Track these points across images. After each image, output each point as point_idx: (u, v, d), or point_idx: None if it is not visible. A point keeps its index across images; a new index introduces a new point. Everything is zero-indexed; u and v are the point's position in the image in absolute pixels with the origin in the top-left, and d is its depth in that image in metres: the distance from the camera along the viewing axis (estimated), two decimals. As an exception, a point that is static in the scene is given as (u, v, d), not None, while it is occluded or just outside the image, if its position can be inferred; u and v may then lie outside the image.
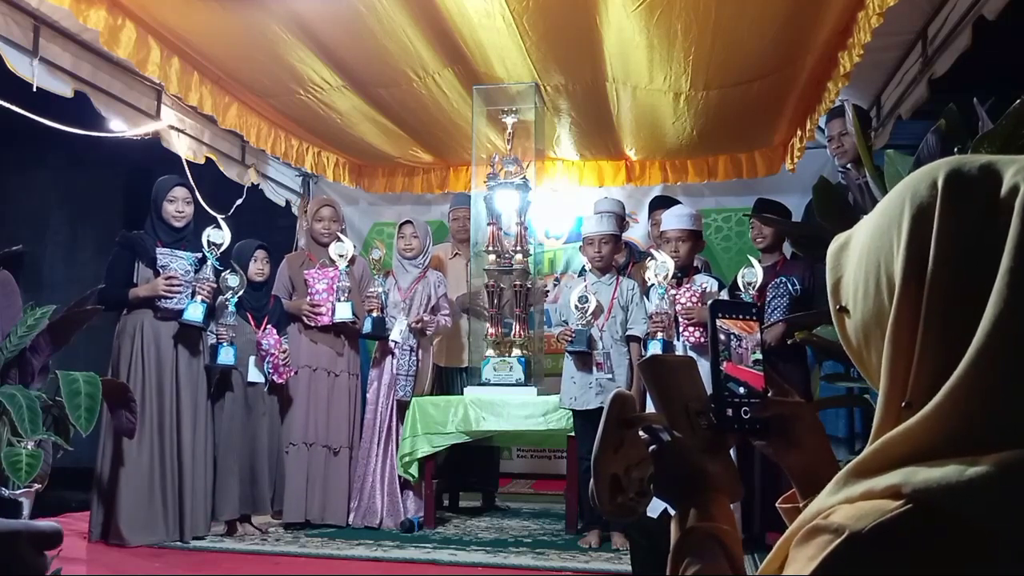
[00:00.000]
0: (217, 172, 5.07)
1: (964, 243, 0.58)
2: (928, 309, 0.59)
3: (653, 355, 0.89)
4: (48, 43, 3.65)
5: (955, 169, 0.61)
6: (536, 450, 5.90)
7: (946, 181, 0.60)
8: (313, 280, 4.24)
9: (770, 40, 3.61)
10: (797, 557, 0.59)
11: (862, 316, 0.66)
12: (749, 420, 0.81)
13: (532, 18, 3.52)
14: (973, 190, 0.59)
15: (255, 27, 3.64)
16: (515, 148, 4.30)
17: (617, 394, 0.88)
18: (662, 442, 0.81)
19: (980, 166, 0.60)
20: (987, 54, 3.13)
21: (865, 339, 0.67)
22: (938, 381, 0.57)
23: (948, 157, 0.63)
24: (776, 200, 4.16)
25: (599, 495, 0.85)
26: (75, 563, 3.29)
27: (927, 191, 0.61)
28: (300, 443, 4.14)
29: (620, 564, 3.37)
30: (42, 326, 2.89)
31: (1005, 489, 0.52)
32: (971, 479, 0.52)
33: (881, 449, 0.59)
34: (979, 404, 0.55)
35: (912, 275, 0.60)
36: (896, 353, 0.61)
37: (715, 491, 0.78)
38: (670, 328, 3.59)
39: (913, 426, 0.57)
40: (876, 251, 0.65)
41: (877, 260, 0.64)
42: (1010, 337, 0.54)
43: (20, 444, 2.73)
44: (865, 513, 0.56)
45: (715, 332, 0.84)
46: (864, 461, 0.60)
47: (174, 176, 3.98)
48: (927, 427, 0.56)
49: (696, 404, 0.83)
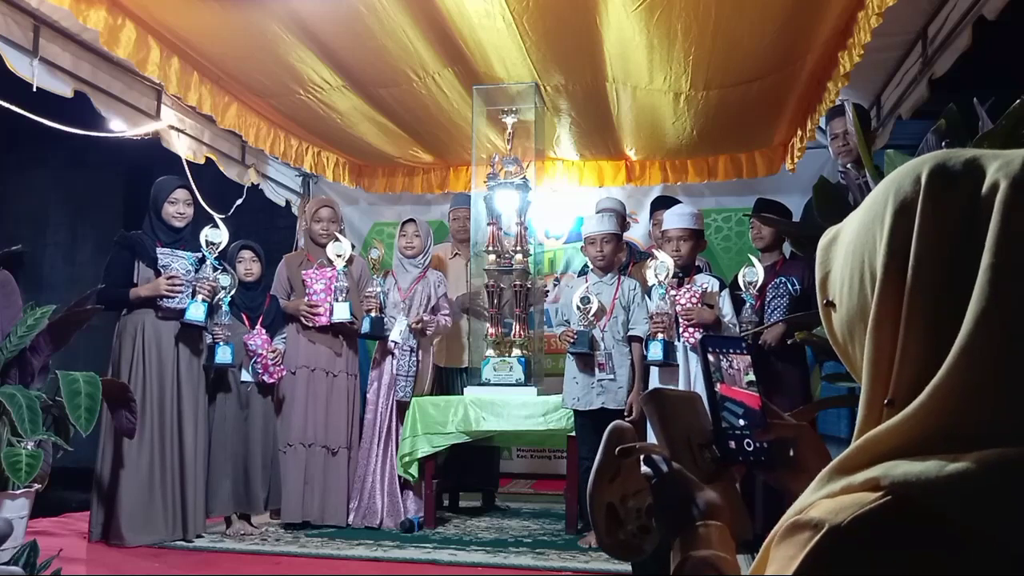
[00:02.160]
0: (217, 172, 5.07)
1: (946, 239, 0.58)
2: (910, 306, 0.58)
3: (655, 389, 0.88)
4: (48, 43, 3.65)
5: (939, 164, 0.60)
6: (536, 450, 5.90)
7: (929, 176, 0.60)
8: (311, 280, 4.24)
9: (770, 40, 3.61)
10: (776, 556, 0.58)
11: (847, 311, 0.66)
12: (753, 452, 0.81)
13: (532, 18, 3.52)
14: (956, 185, 0.59)
15: (255, 27, 3.64)
16: (515, 148, 4.30)
17: (615, 425, 0.88)
18: (662, 472, 0.80)
19: (965, 161, 0.60)
20: (987, 54, 3.13)
21: (850, 334, 0.66)
22: (920, 378, 0.57)
23: (936, 151, 0.63)
24: (776, 200, 4.16)
25: (596, 526, 0.85)
26: (75, 563, 3.29)
27: (911, 186, 0.61)
28: (298, 443, 4.14)
29: (620, 564, 3.37)
30: (42, 326, 2.88)
31: (984, 486, 0.52)
32: (950, 474, 0.52)
33: (864, 446, 0.58)
34: (962, 402, 0.54)
35: (893, 271, 0.60)
36: (878, 350, 0.61)
37: (716, 521, 0.76)
38: (671, 328, 3.59)
39: (897, 424, 0.57)
40: (861, 246, 0.64)
41: (862, 255, 0.64)
42: (993, 334, 0.54)
43: (20, 444, 2.73)
44: (844, 506, 0.55)
45: (707, 366, 0.84)
46: (846, 458, 0.59)
47: (174, 177, 3.98)
48: (910, 425, 0.56)
49: (699, 438, 0.82)
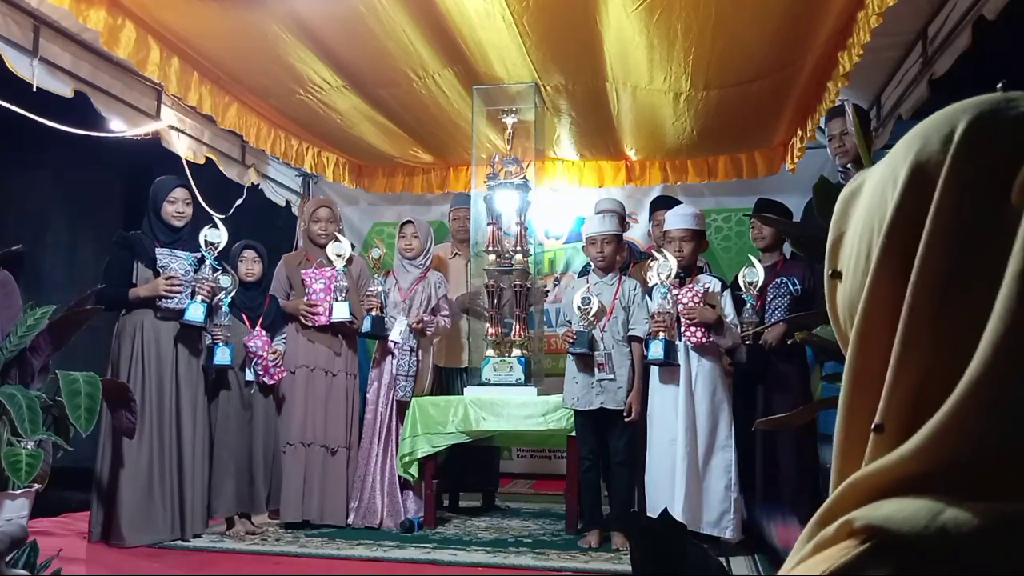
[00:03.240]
0: (217, 172, 5.07)
1: (973, 223, 0.44)
2: (913, 305, 0.44)
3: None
4: (48, 43, 3.64)
5: (982, 117, 0.45)
6: (536, 450, 5.90)
7: (965, 134, 0.45)
8: (310, 280, 4.24)
9: (770, 40, 3.61)
10: None
11: (850, 287, 0.52)
12: None
13: (532, 18, 3.52)
14: (997, 151, 0.44)
15: (255, 27, 3.64)
16: (515, 148, 4.30)
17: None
18: None
19: (1016, 117, 0.44)
20: (987, 54, 3.13)
21: (850, 316, 0.52)
22: (920, 401, 0.44)
23: (984, 96, 0.47)
24: (777, 200, 4.16)
25: None
26: (75, 563, 3.29)
27: (939, 144, 0.46)
28: (298, 443, 4.14)
29: (620, 564, 3.37)
30: (42, 326, 2.88)
31: (987, 547, 0.39)
32: (945, 526, 0.40)
33: (852, 490, 0.45)
34: (974, 440, 0.42)
35: (895, 253, 0.46)
36: (864, 353, 0.47)
37: None
38: (672, 328, 3.59)
39: (892, 465, 0.43)
40: (872, 208, 0.50)
41: (872, 220, 0.50)
42: (1021, 360, 0.40)
43: (20, 444, 2.73)
44: (819, 562, 0.44)
45: None
46: (830, 508, 0.47)
47: (173, 177, 3.98)
48: (910, 467, 0.43)
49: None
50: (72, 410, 2.80)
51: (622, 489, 3.74)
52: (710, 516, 3.52)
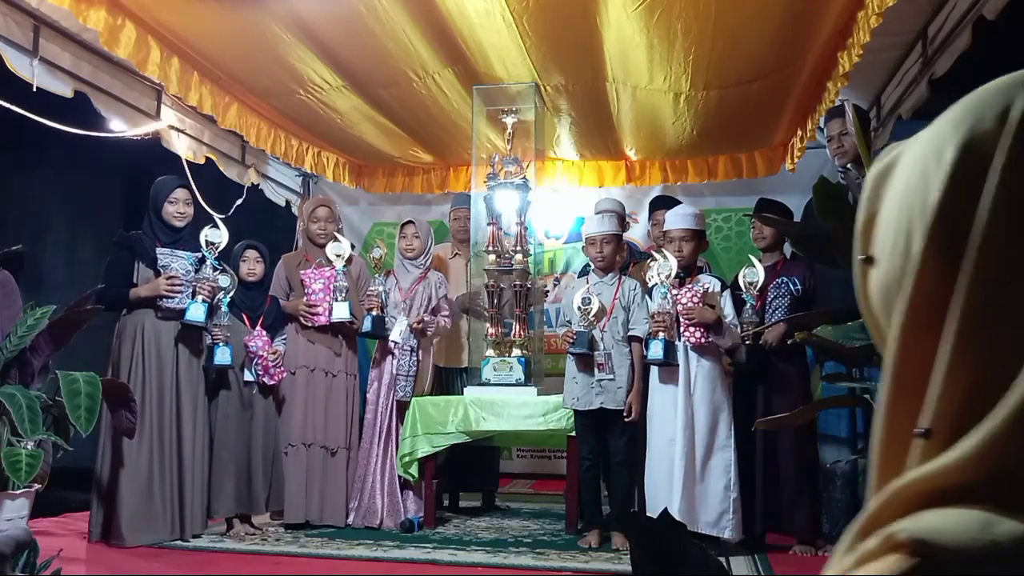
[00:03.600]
0: (217, 172, 5.07)
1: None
2: (969, 299, 0.40)
3: None
4: (48, 43, 3.64)
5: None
6: (536, 450, 5.91)
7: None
8: (310, 280, 4.23)
9: (770, 40, 3.61)
10: None
11: (886, 273, 0.47)
12: None
13: (532, 18, 3.52)
14: None
15: (255, 27, 3.64)
16: (515, 148, 4.30)
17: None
18: None
19: None
20: (987, 54, 3.13)
21: (885, 306, 0.48)
22: (973, 405, 0.40)
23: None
24: (777, 200, 4.16)
25: None
26: (75, 563, 3.29)
27: (993, 120, 0.42)
28: (299, 444, 4.14)
29: (620, 564, 3.37)
30: (42, 326, 2.88)
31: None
32: (996, 540, 0.36)
33: (896, 499, 0.42)
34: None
35: (946, 237, 0.42)
36: (907, 352, 0.43)
37: None
38: (671, 328, 3.59)
39: (939, 472, 0.40)
40: (910, 188, 0.46)
41: (910, 201, 0.45)
42: None
43: (20, 444, 2.73)
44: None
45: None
46: (872, 517, 0.43)
47: (174, 177, 3.98)
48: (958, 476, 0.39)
49: None
50: (72, 410, 2.80)
51: (622, 489, 3.74)
52: (709, 516, 3.52)
